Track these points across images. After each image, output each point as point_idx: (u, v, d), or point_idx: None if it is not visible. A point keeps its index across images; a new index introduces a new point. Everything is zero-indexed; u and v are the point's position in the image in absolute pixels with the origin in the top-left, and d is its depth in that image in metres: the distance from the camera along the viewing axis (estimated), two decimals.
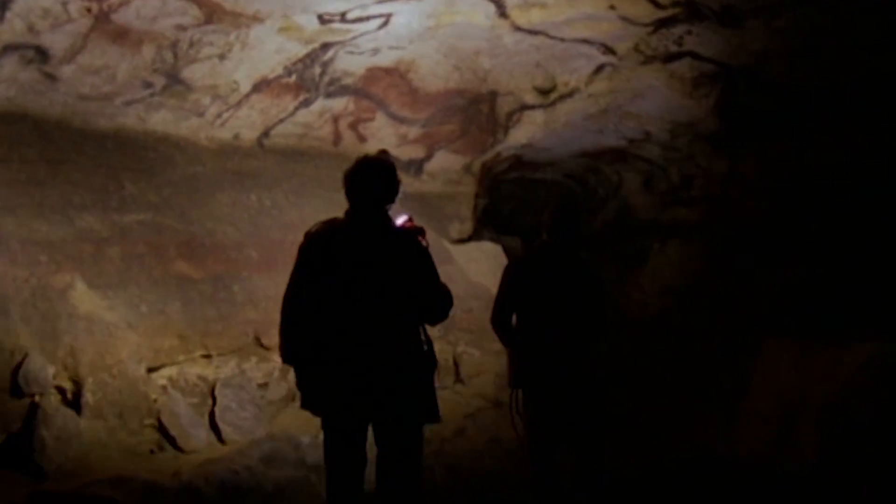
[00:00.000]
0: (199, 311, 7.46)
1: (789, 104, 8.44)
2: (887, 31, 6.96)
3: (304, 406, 4.49)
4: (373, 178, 4.43)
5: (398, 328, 4.33)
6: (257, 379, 7.71)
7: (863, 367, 7.15)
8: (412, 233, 4.48)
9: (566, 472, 5.42)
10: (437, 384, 4.52)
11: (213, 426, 7.19)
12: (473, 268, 5.28)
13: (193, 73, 6.87)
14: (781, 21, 7.03)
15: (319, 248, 4.37)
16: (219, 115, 7.55)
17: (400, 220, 4.57)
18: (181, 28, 6.31)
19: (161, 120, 7.32)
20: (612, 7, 7.01)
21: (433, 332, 4.62)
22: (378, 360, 4.25)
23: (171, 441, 6.79)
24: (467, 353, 9.14)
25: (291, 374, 7.91)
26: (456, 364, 9.15)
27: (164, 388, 7.01)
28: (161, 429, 6.81)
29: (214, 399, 7.30)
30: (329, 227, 4.43)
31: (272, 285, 8.10)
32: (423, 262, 4.39)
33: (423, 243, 4.46)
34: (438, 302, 4.43)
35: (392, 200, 4.48)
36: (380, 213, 4.43)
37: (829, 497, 6.52)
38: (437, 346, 4.65)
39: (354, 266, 4.30)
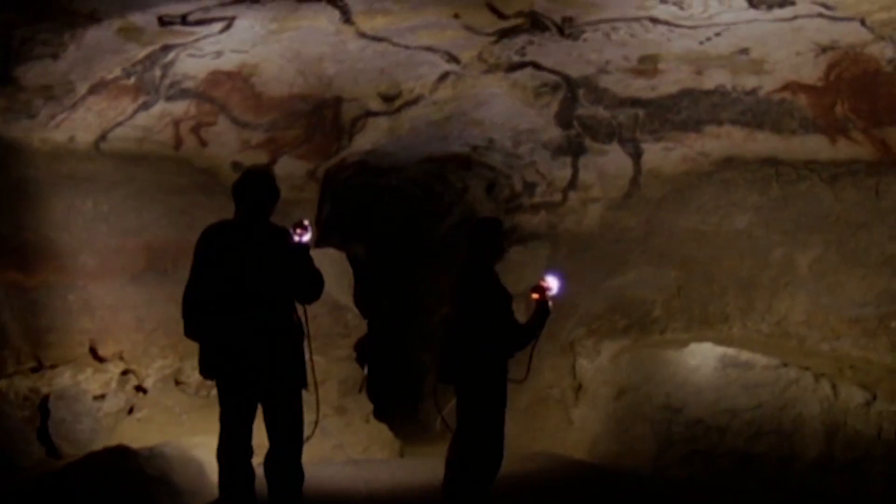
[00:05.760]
0: (31, 321, 7.27)
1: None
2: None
3: (201, 373, 5.20)
4: (257, 187, 5.18)
5: (276, 307, 5.14)
6: (93, 391, 7.52)
7: (695, 368, 7.47)
8: (288, 231, 5.21)
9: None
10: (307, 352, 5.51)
11: (47, 441, 6.96)
12: None
13: (25, 71, 6.62)
14: (620, 34, 7.27)
15: (212, 244, 5.09)
16: (52, 117, 7.30)
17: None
18: (10, 24, 6.06)
19: None
20: (455, 16, 7.10)
21: None
22: (259, 333, 5.03)
23: (0, 458, 6.53)
24: (313, 360, 9.04)
25: (129, 386, 7.78)
26: None
27: None
28: None
29: (48, 412, 7.06)
30: (220, 226, 5.18)
31: (109, 294, 7.88)
32: (296, 254, 5.20)
33: (298, 238, 5.20)
34: (309, 285, 5.31)
35: (273, 205, 5.22)
36: (263, 215, 5.16)
37: (665, 494, 6.77)
38: None
39: (241, 258, 5.03)
